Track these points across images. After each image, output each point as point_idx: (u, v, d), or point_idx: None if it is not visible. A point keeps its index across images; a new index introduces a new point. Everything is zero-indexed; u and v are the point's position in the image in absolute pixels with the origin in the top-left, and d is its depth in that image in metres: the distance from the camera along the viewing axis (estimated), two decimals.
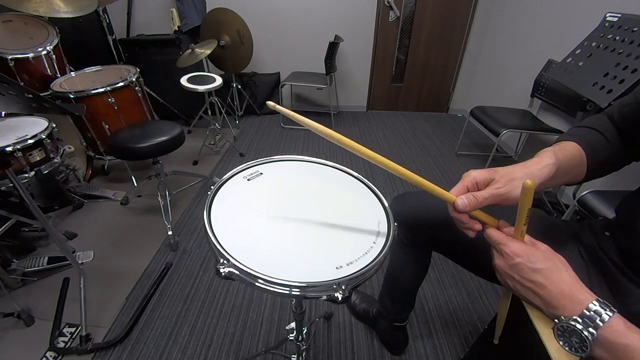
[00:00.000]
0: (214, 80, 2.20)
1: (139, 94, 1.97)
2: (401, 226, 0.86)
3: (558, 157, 0.50)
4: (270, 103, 0.48)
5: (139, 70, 2.01)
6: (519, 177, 0.46)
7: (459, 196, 0.47)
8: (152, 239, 1.66)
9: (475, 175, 0.48)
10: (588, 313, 0.39)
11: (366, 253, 0.53)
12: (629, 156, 0.59)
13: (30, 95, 0.85)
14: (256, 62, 3.15)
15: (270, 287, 0.47)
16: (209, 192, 0.64)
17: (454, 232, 0.76)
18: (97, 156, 2.04)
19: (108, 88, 1.77)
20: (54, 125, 1.51)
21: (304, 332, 0.91)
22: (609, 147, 0.58)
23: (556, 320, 0.42)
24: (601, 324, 0.38)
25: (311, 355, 1.16)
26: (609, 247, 0.58)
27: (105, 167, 2.19)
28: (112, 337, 1.18)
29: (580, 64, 1.50)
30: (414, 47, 3.17)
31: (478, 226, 0.49)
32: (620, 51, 1.33)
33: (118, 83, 1.81)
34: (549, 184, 0.50)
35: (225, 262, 0.49)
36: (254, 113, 3.30)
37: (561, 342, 0.41)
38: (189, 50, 2.35)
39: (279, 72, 3.24)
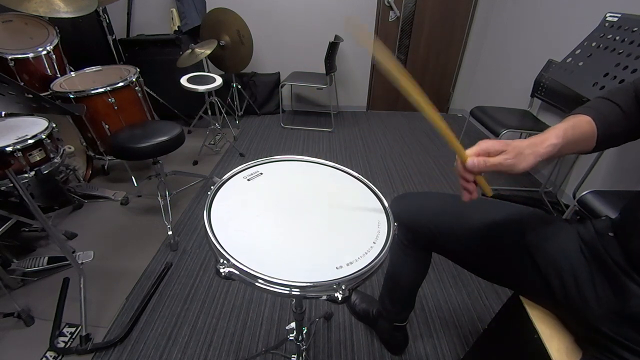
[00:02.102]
0: (214, 80, 2.20)
1: (139, 94, 1.97)
2: (401, 227, 0.86)
3: (566, 135, 0.53)
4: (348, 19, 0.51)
5: (139, 70, 2.01)
6: (526, 153, 0.51)
7: (472, 157, 0.52)
8: (152, 239, 1.66)
9: (488, 145, 0.53)
10: None
11: (366, 253, 0.53)
12: None
13: (30, 95, 0.85)
14: (256, 62, 3.15)
15: (270, 287, 0.47)
16: (209, 192, 0.64)
17: (453, 233, 0.77)
18: (97, 156, 2.04)
19: (108, 88, 1.77)
20: (54, 125, 1.51)
21: (304, 332, 0.91)
22: (624, 120, 0.58)
23: None
24: None
25: (311, 355, 1.16)
26: (613, 248, 0.58)
27: (105, 167, 2.19)
28: (112, 337, 1.18)
29: (580, 64, 1.50)
30: (414, 47, 3.17)
31: (472, 187, 0.54)
32: (620, 51, 1.33)
33: (118, 83, 1.81)
34: (552, 158, 0.54)
35: (225, 262, 0.49)
36: (254, 113, 3.30)
37: None
38: (189, 50, 2.35)
39: (279, 72, 3.24)
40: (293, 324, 0.90)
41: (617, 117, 0.58)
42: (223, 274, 0.48)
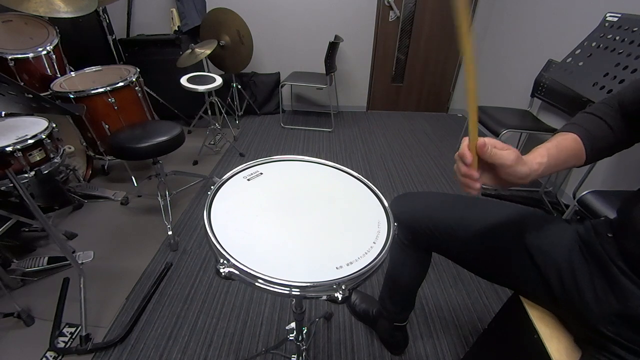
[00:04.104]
0: (214, 80, 2.20)
1: (139, 94, 1.97)
2: (401, 227, 0.86)
3: (550, 154, 0.55)
4: None
5: (139, 70, 2.01)
6: (523, 162, 0.51)
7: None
8: (152, 239, 1.66)
9: (496, 141, 0.51)
10: None
11: (366, 253, 0.53)
12: (632, 140, 0.60)
13: (30, 95, 0.85)
14: (256, 62, 3.15)
15: (270, 287, 0.47)
16: (209, 192, 0.64)
17: (453, 233, 0.77)
18: (97, 156, 2.04)
19: (108, 88, 1.77)
20: (54, 125, 1.51)
21: (304, 332, 0.91)
22: (611, 135, 0.59)
23: None
24: None
25: (311, 355, 1.16)
26: (612, 248, 0.58)
27: (105, 167, 2.19)
28: (112, 337, 1.18)
29: (580, 64, 1.50)
30: (414, 47, 3.17)
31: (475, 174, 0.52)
32: (620, 51, 1.33)
33: (118, 83, 1.81)
34: (542, 174, 0.54)
35: (225, 262, 0.49)
36: (254, 113, 3.30)
37: None
38: (189, 50, 2.35)
39: (279, 72, 3.24)
40: (293, 324, 0.90)
41: (603, 132, 0.58)
42: (223, 274, 0.48)
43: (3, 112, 1.57)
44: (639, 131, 0.59)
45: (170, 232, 1.61)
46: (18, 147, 1.32)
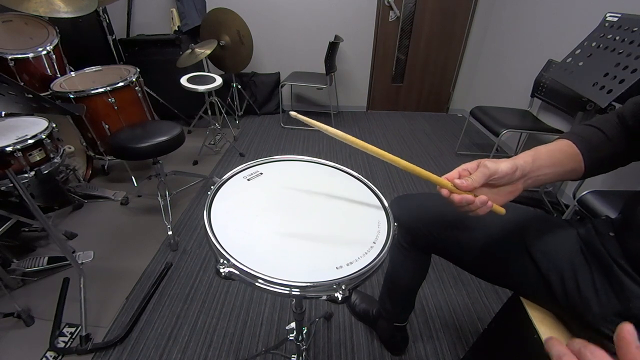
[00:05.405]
0: (214, 80, 2.20)
1: (139, 94, 1.97)
2: (400, 229, 0.86)
3: (538, 150, 0.56)
4: (292, 113, 0.51)
5: (139, 70, 2.01)
6: (502, 163, 0.53)
7: (460, 179, 0.53)
8: (152, 239, 1.66)
9: (467, 165, 0.55)
10: None
11: (366, 253, 0.53)
12: (630, 155, 0.60)
13: (30, 95, 0.85)
14: (256, 62, 3.15)
15: (270, 287, 0.47)
16: (209, 192, 0.64)
17: (453, 235, 0.77)
18: (97, 156, 2.04)
19: (108, 88, 1.77)
20: (54, 125, 1.51)
21: (304, 332, 0.91)
22: (609, 144, 0.58)
23: None
24: None
25: (311, 355, 1.16)
26: (614, 247, 0.58)
27: (105, 167, 2.19)
28: (112, 337, 1.18)
29: (580, 64, 1.50)
30: (414, 47, 3.17)
31: (470, 197, 0.53)
32: (620, 51, 1.33)
33: (118, 83, 1.81)
34: (535, 173, 0.54)
35: (225, 262, 0.49)
36: (254, 113, 3.30)
37: None
38: (189, 50, 2.35)
39: (279, 72, 3.24)
40: (293, 324, 0.90)
41: (600, 140, 0.59)
42: (223, 274, 0.48)
43: (3, 112, 1.57)
44: (638, 144, 0.58)
45: (170, 232, 1.61)
46: (18, 147, 1.32)
